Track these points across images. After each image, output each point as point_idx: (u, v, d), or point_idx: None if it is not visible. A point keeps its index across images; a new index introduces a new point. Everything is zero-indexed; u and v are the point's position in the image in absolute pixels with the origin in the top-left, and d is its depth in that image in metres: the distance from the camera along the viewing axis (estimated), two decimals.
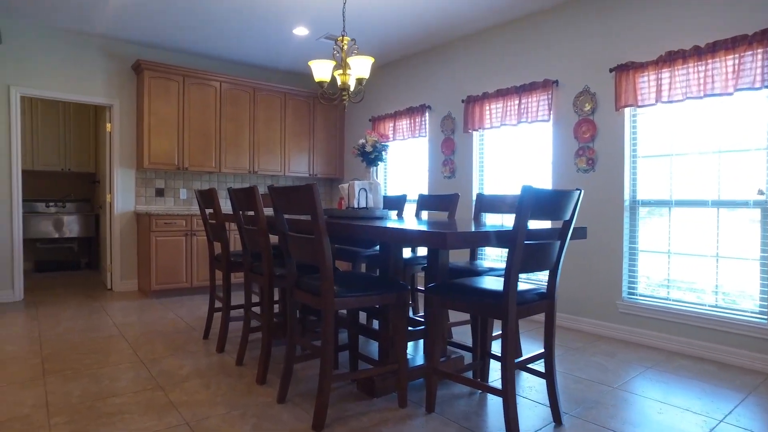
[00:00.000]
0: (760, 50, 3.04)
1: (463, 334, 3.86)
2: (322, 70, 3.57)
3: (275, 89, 6.06)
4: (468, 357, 3.17)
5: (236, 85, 5.76)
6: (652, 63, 3.52)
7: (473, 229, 2.03)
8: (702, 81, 3.27)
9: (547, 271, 2.24)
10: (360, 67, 3.48)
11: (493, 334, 2.87)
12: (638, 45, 3.67)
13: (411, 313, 3.86)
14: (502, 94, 4.53)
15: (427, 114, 5.42)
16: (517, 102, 4.41)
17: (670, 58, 3.41)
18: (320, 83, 3.62)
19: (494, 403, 2.53)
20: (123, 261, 5.45)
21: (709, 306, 3.37)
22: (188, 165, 5.46)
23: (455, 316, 4.21)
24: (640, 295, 3.73)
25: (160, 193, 5.66)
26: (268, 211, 4.71)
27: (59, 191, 7.06)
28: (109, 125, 5.38)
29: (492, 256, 4.83)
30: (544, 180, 4.38)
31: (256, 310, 4.35)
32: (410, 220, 2.88)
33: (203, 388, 2.65)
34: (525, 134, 4.55)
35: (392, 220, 2.70)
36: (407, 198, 5.22)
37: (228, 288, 3.35)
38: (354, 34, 5.01)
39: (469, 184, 4.98)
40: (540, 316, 4.18)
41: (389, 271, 2.72)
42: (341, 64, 3.64)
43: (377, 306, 2.64)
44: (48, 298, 5.03)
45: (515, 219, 1.96)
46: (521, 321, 4.13)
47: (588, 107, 3.97)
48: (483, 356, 2.68)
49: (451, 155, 5.16)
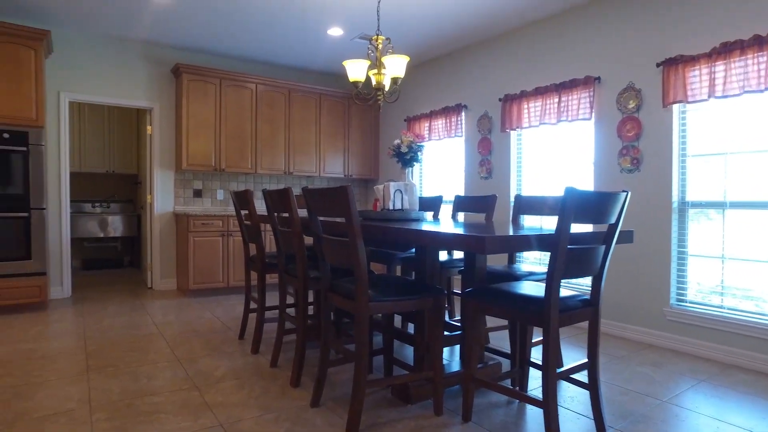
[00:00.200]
0: None
1: (501, 339, 3.75)
2: (356, 69, 3.53)
3: (310, 90, 6.08)
4: (506, 364, 3.07)
5: (272, 86, 5.81)
6: (704, 56, 3.32)
7: (512, 233, 1.95)
8: (763, 73, 3.06)
9: (591, 276, 2.13)
10: (395, 66, 3.42)
11: (533, 341, 2.76)
12: (688, 37, 3.48)
13: (447, 317, 3.78)
14: (540, 92, 4.39)
15: (463, 113, 5.32)
16: (556, 100, 4.26)
17: (726, 50, 3.21)
18: (355, 83, 3.59)
19: (534, 413, 2.43)
20: (162, 260, 5.58)
21: None
22: (225, 166, 5.54)
23: (493, 320, 4.11)
24: (689, 302, 3.53)
25: (197, 193, 5.77)
26: (303, 213, 4.72)
27: (104, 192, 7.31)
28: (149, 128, 5.52)
29: (530, 259, 4.69)
30: (585, 181, 4.22)
31: (291, 311, 4.36)
32: (446, 222, 2.81)
33: (238, 390, 2.65)
34: (565, 133, 4.40)
35: (428, 222, 2.63)
36: (443, 199, 5.14)
37: (263, 289, 3.36)
38: (389, 34, 4.96)
39: (506, 185, 4.86)
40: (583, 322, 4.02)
41: (425, 274, 2.66)
42: (376, 64, 3.60)
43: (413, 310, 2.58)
44: (93, 295, 5.20)
45: (558, 222, 1.87)
46: (563, 327, 3.98)
47: (632, 104, 3.79)
48: (522, 364, 2.58)
49: (488, 155, 5.04)
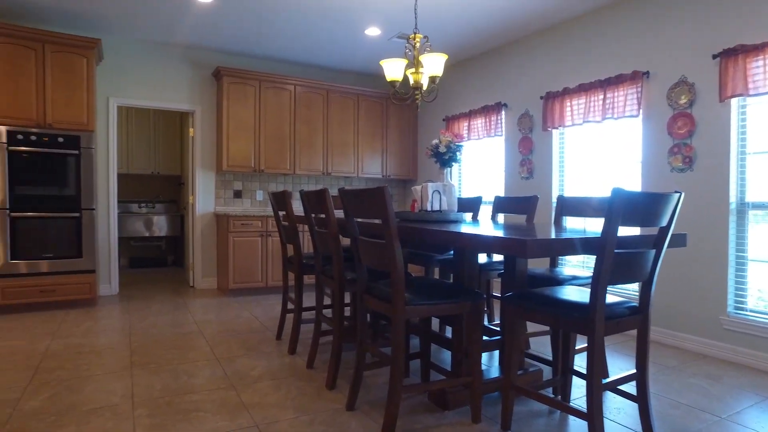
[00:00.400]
0: None
1: (542, 344, 3.63)
2: (394, 69, 3.49)
3: (348, 91, 6.09)
4: (547, 371, 2.95)
5: (310, 87, 5.85)
6: None
7: (555, 235, 1.86)
8: None
9: (640, 282, 2.01)
10: (433, 64, 3.36)
11: (576, 348, 2.65)
12: (749, 25, 3.26)
13: (486, 321, 3.69)
14: (584, 89, 4.23)
15: (503, 112, 5.20)
16: (601, 97, 4.09)
17: None
18: (392, 83, 3.55)
19: (578, 425, 2.32)
20: (204, 260, 5.70)
21: None
22: (264, 167, 5.61)
23: (534, 325, 3.98)
24: (750, 311, 3.31)
25: (237, 194, 5.87)
26: (340, 214, 4.72)
27: (149, 193, 7.56)
28: (191, 130, 5.65)
29: (573, 262, 4.53)
30: (631, 181, 4.03)
31: (328, 312, 4.36)
32: (486, 223, 2.73)
33: (274, 391, 2.66)
34: (610, 131, 4.22)
35: (467, 224, 2.56)
36: (483, 200, 5.03)
37: (300, 290, 3.37)
38: (427, 32, 4.90)
39: (548, 185, 4.71)
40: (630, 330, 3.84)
41: (463, 277, 2.59)
42: (413, 63, 3.55)
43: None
44: (138, 293, 5.37)
45: (604, 225, 1.77)
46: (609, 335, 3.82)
47: (684, 99, 3.59)
48: (565, 372, 2.47)
49: (528, 155, 4.90)
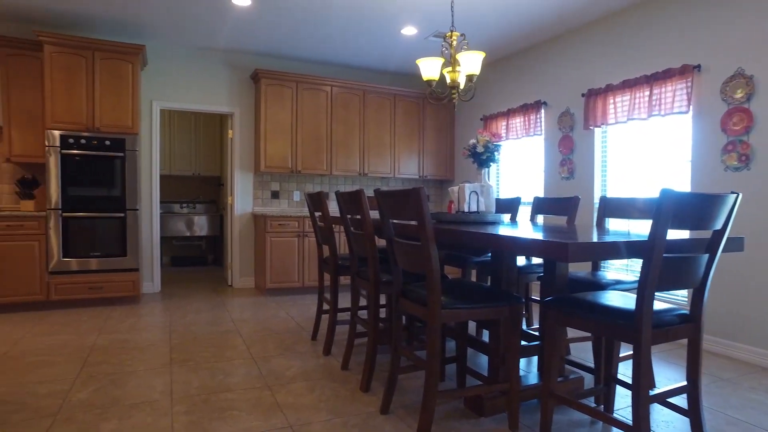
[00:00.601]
0: None
1: (583, 350, 3.50)
2: (430, 68, 3.45)
3: (384, 91, 6.07)
4: (589, 379, 2.84)
5: (346, 88, 5.86)
6: None
7: (597, 238, 1.78)
8: None
9: (692, 289, 1.89)
10: (470, 63, 3.30)
11: (620, 355, 2.53)
12: None
13: (524, 326, 3.59)
14: (629, 85, 4.06)
15: (542, 111, 5.06)
16: (647, 93, 3.92)
17: None
18: (429, 82, 3.51)
19: None
20: (242, 259, 5.80)
21: None
22: (301, 168, 5.66)
23: (574, 330, 3.85)
24: None
25: (275, 195, 5.94)
26: (376, 215, 4.70)
27: (190, 194, 7.76)
28: (230, 132, 5.76)
29: (616, 265, 4.36)
30: (680, 180, 3.84)
31: (363, 314, 4.35)
32: (525, 225, 2.65)
33: (308, 392, 2.65)
34: (657, 129, 4.04)
35: (505, 226, 2.49)
36: (521, 201, 4.91)
37: (335, 291, 3.37)
38: (464, 30, 4.82)
39: (589, 185, 4.55)
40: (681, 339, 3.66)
41: (501, 281, 2.52)
42: (450, 61, 3.49)
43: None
44: (179, 291, 5.51)
45: (652, 227, 1.67)
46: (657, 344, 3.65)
47: (741, 94, 3.39)
48: (608, 381, 2.36)
49: (569, 154, 4.75)
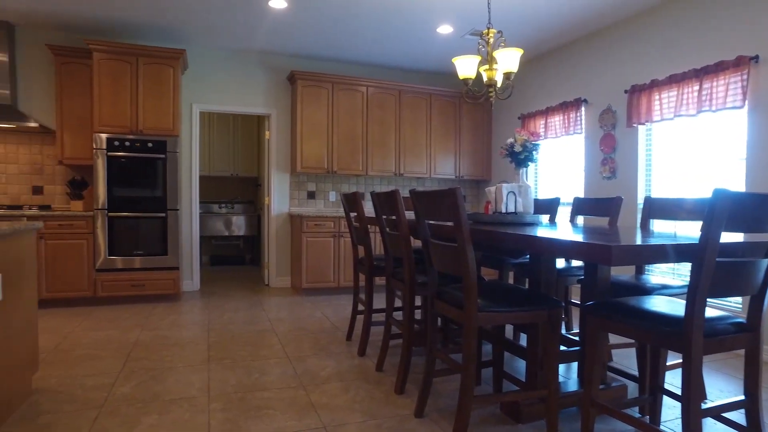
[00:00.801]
0: None
1: (626, 357, 3.37)
2: (466, 66, 3.39)
3: (420, 90, 6.03)
4: (633, 388, 2.72)
5: (382, 88, 5.85)
6: None
7: (642, 240, 1.69)
8: None
9: (749, 296, 1.78)
10: (507, 60, 3.22)
11: (667, 364, 2.41)
12: None
13: (564, 330, 3.49)
14: (676, 80, 3.89)
15: (582, 108, 4.91)
16: (696, 87, 3.73)
17: None
18: (465, 80, 3.45)
19: None
20: (278, 259, 5.87)
21: None
22: (337, 168, 5.69)
23: (617, 336, 3.71)
24: None
25: (311, 195, 5.99)
26: (411, 215, 4.67)
27: (229, 194, 7.93)
28: (267, 133, 5.85)
29: (662, 268, 4.17)
30: (733, 180, 3.64)
31: (398, 315, 4.32)
32: (564, 226, 2.56)
33: (342, 392, 2.65)
34: (707, 126, 3.84)
35: (543, 227, 2.41)
36: (560, 201, 4.77)
37: (370, 292, 3.35)
38: (500, 27, 4.73)
39: (632, 185, 4.38)
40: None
41: (540, 283, 2.45)
42: (487, 59, 3.43)
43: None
44: (218, 290, 5.63)
45: (703, 229, 1.58)
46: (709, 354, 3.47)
47: None
48: (653, 391, 2.26)
49: (611, 153, 4.59)
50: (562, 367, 3.09)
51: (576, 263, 3.24)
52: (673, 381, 2.86)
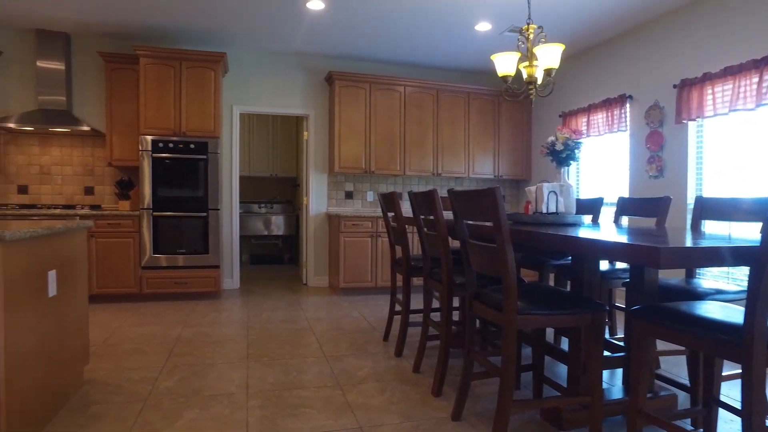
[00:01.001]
0: None
1: (675, 364, 3.21)
2: (505, 63, 3.32)
3: (458, 89, 5.96)
4: (683, 398, 2.59)
5: (420, 88, 5.82)
6: None
7: (693, 242, 1.60)
8: None
9: None
10: (548, 56, 3.14)
11: (723, 374, 2.28)
12: None
13: (607, 335, 3.36)
14: (732, 72, 3.68)
15: (627, 105, 4.73)
16: (755, 80, 3.53)
17: None
18: (504, 78, 3.38)
19: None
20: (316, 259, 5.93)
21: None
22: (374, 168, 5.69)
23: (664, 342, 3.54)
24: None
25: (349, 195, 6.02)
26: (449, 215, 4.61)
27: (267, 194, 8.07)
28: (306, 133, 5.91)
29: (714, 272, 3.97)
30: None
31: (435, 316, 4.28)
32: (608, 227, 2.46)
33: (379, 393, 2.64)
34: (766, 121, 3.62)
35: (586, 228, 2.33)
36: (603, 201, 4.62)
37: (408, 293, 3.33)
38: (541, 23, 4.62)
39: (681, 185, 4.18)
40: None
41: (583, 286, 2.36)
42: (527, 56, 3.34)
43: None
44: (257, 288, 5.73)
45: (764, 231, 1.48)
46: None
47: None
48: (707, 402, 2.13)
49: (658, 151, 4.40)
50: (605, 373, 2.98)
51: (620, 265, 3.12)
52: (730, 392, 2.70)
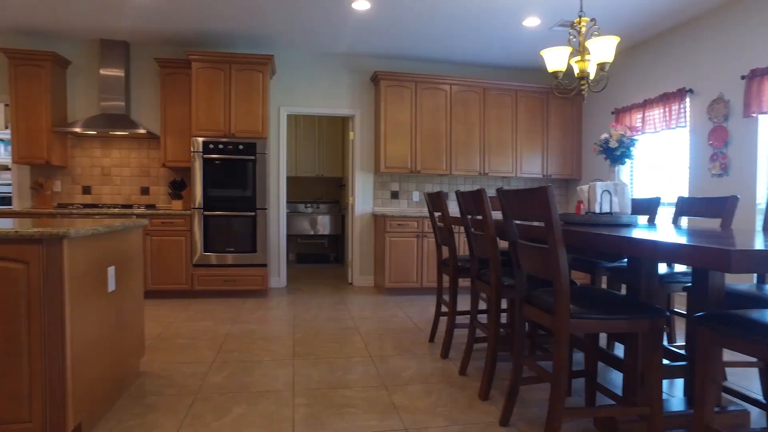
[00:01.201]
0: None
1: (745, 377, 3.01)
2: (556, 58, 3.21)
3: (505, 87, 5.84)
4: (756, 414, 2.42)
5: (466, 86, 5.74)
6: None
7: (766, 245, 1.48)
8: None
9: None
10: (602, 49, 3.01)
11: None
12: None
13: (665, 342, 3.19)
14: None
15: (687, 99, 4.48)
16: None
17: None
18: (554, 74, 3.27)
19: None
20: (362, 258, 5.95)
21: None
22: (420, 168, 5.65)
23: (731, 353, 3.32)
24: None
25: (394, 195, 6.00)
26: (498, 215, 4.52)
27: (313, 194, 8.17)
28: (351, 134, 5.94)
29: None
30: None
31: (482, 318, 4.20)
32: (667, 228, 2.33)
33: (425, 395, 2.60)
34: None
35: (643, 228, 2.21)
36: (660, 201, 4.39)
37: (454, 293, 3.28)
38: (593, 16, 4.44)
39: (749, 183, 3.92)
40: None
41: (640, 290, 2.24)
42: (579, 50, 3.22)
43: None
44: (303, 287, 5.81)
45: None
46: None
47: None
48: None
49: (722, 148, 4.14)
50: (664, 383, 2.82)
51: (680, 268, 2.96)
52: None
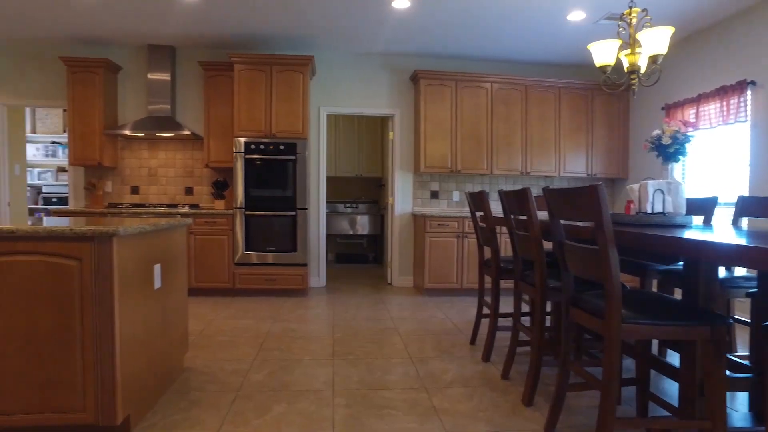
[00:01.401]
0: None
1: None
2: (604, 52, 3.08)
3: (548, 84, 5.68)
4: None
5: (507, 84, 5.61)
6: None
7: None
8: None
9: None
10: (655, 41, 2.86)
11: None
12: None
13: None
14: None
15: (748, 92, 4.22)
16: None
17: None
18: (602, 68, 3.14)
19: None
20: (401, 258, 5.91)
21: None
22: (461, 167, 5.57)
23: None
24: None
25: (434, 195, 5.94)
26: (542, 215, 4.39)
27: (353, 194, 8.20)
28: (391, 133, 5.91)
29: None
30: None
31: (525, 321, 4.09)
32: (726, 229, 2.19)
33: (466, 399, 2.54)
34: None
35: (700, 229, 2.08)
36: (718, 201, 4.14)
37: (497, 295, 3.20)
38: (643, 6, 4.25)
39: None
40: None
41: (697, 294, 2.11)
42: (629, 43, 3.08)
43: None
44: (342, 287, 5.83)
45: None
46: None
47: None
48: None
49: None
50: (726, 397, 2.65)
51: (740, 272, 2.78)
52: None
